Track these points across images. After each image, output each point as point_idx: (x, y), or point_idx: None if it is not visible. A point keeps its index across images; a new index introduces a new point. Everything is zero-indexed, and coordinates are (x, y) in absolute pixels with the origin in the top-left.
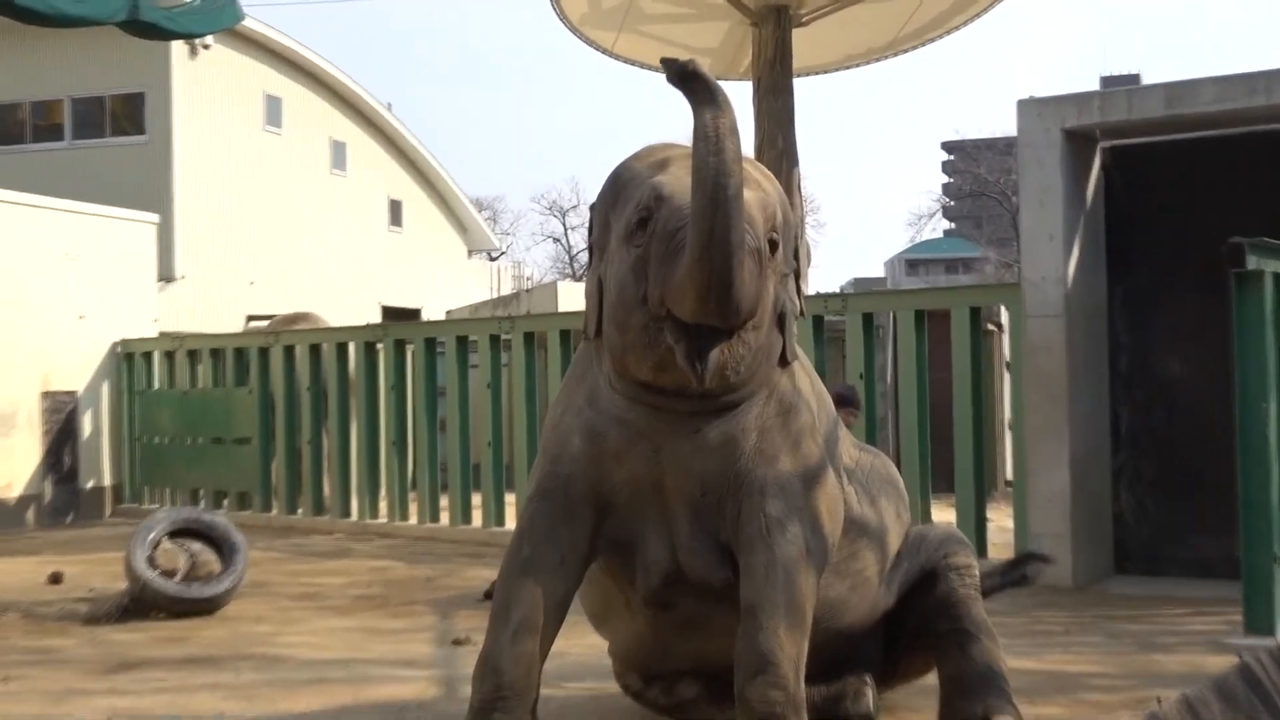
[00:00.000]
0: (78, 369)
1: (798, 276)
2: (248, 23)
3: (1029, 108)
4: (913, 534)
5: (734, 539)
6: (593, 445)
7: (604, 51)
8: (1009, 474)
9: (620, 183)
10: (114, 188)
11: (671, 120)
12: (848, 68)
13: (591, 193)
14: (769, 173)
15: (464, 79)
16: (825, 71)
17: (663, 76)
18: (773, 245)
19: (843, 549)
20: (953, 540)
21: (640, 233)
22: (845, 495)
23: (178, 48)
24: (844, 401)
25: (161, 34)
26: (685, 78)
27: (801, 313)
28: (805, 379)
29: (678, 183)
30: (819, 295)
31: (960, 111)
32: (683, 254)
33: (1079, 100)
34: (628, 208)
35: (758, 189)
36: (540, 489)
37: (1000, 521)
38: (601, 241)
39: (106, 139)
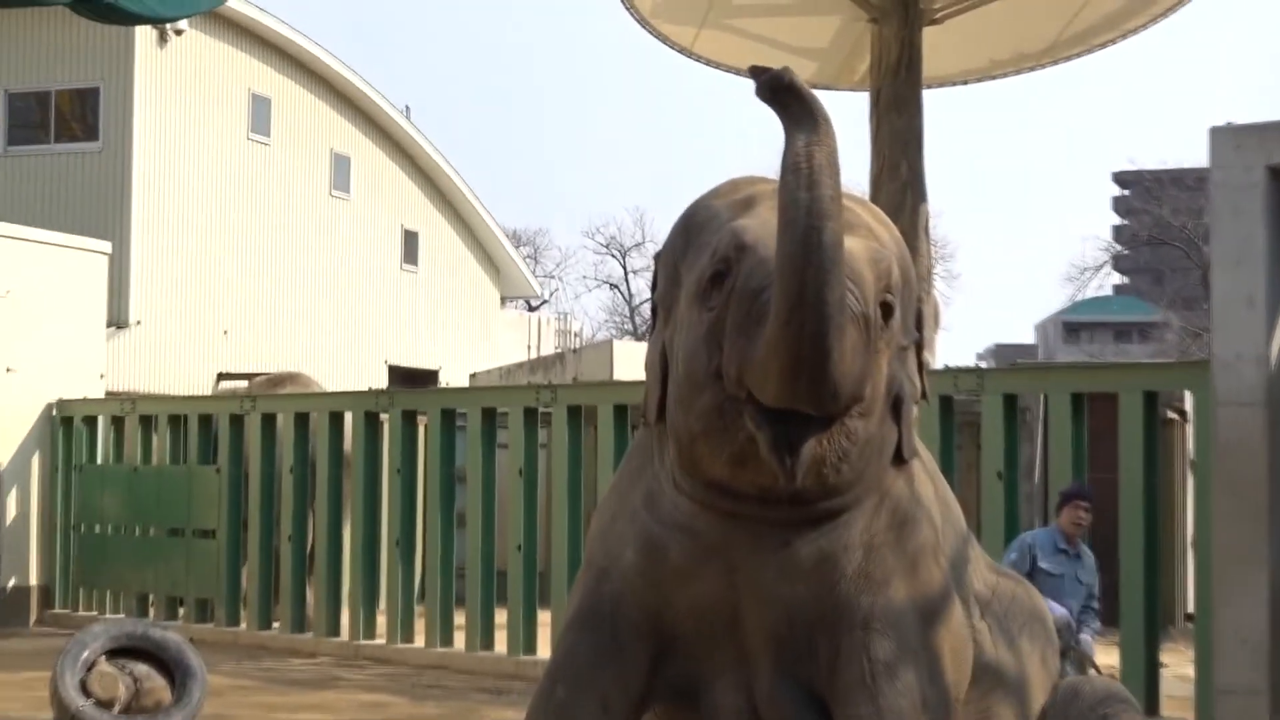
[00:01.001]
0: (1, 436)
1: (920, 349)
2: (231, 4)
3: (1224, 138)
4: (1063, 687)
5: (829, 688)
6: (650, 561)
7: (681, 51)
8: (1190, 606)
9: (693, 225)
10: (57, 207)
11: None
12: (993, 78)
13: (660, 230)
14: (884, 216)
15: (501, 81)
16: (963, 82)
17: (752, 86)
18: (886, 310)
19: (970, 704)
20: (1114, 699)
21: (716, 291)
22: (975, 634)
23: (142, 34)
24: (1078, 494)
25: (122, 17)
26: (776, 91)
27: (924, 396)
28: (927, 482)
29: (765, 228)
30: (948, 370)
31: (1138, 136)
32: (766, 321)
33: None
34: (701, 258)
35: (868, 236)
36: (581, 613)
37: (1178, 668)
38: (668, 300)
39: (50, 145)
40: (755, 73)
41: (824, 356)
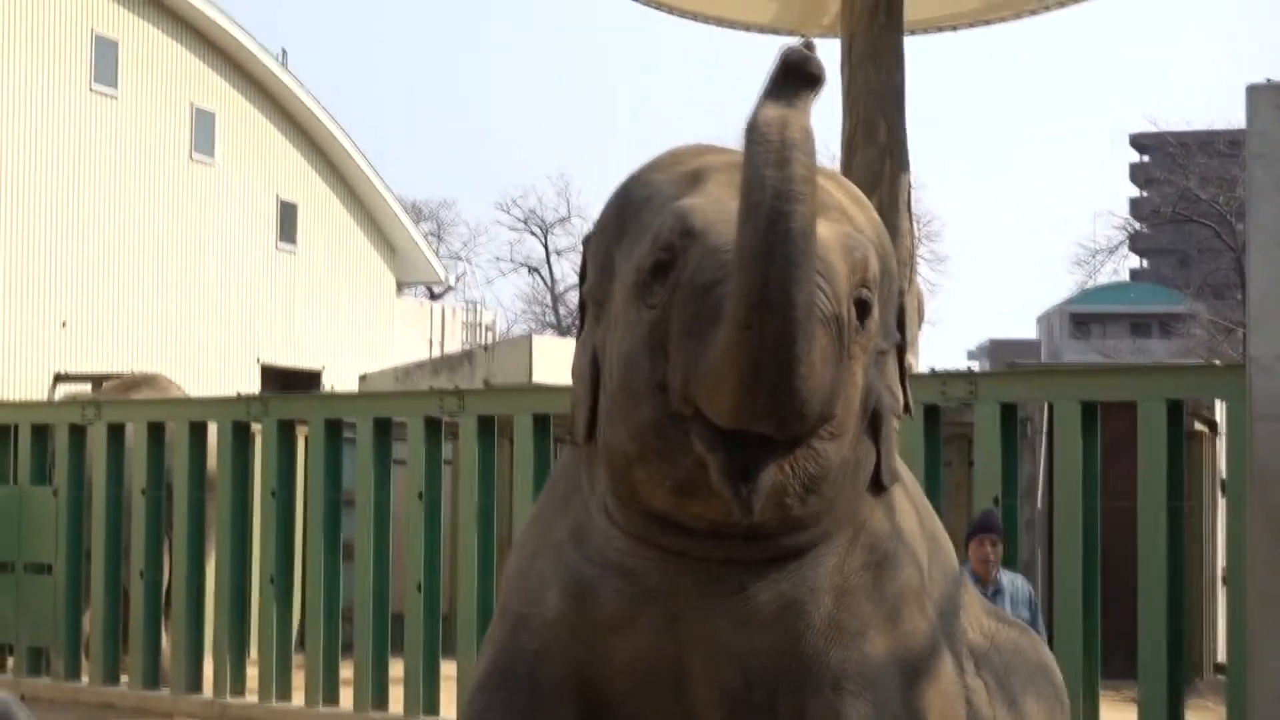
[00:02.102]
0: None
1: (902, 353)
2: None
3: (1264, 97)
4: None
5: None
6: (578, 607)
7: None
8: (1221, 655)
9: (630, 204)
10: None
11: (719, 99)
12: (987, 23)
13: (589, 202)
14: (858, 193)
15: (397, 22)
16: (952, 28)
17: (708, 29)
18: (862, 308)
19: None
20: None
21: (658, 284)
22: (969, 693)
23: None
24: (983, 528)
25: None
26: (791, 73)
27: (907, 409)
28: (910, 513)
29: (717, 210)
30: (934, 373)
31: (1160, 91)
32: (719, 323)
33: None
34: (640, 244)
35: (840, 219)
36: (495, 669)
37: None
38: (599, 293)
39: None
40: (806, 45)
41: (789, 369)
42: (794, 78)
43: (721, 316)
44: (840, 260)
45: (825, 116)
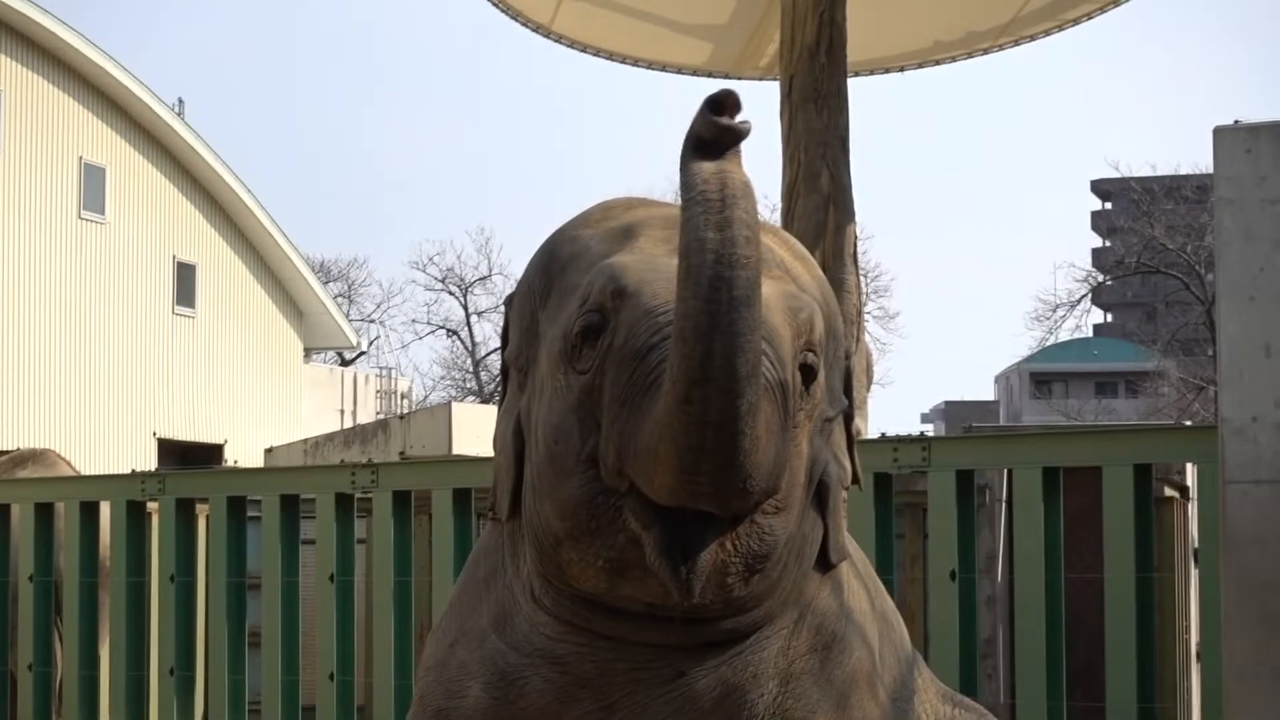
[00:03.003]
0: None
1: (849, 420)
2: None
3: (1232, 140)
4: None
5: None
6: (503, 699)
7: (537, 29)
8: None
9: (555, 262)
10: None
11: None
12: (936, 63)
13: (511, 258)
14: (801, 249)
15: (302, 71)
16: (899, 69)
17: (637, 73)
18: (807, 374)
19: None
20: None
21: (588, 348)
22: None
23: None
24: None
25: None
26: (714, 143)
27: (855, 480)
28: (859, 591)
29: (650, 269)
30: (885, 438)
31: (1122, 134)
32: (655, 392)
33: None
34: (568, 306)
35: (783, 278)
36: None
37: None
38: (523, 359)
39: None
40: (717, 108)
41: (733, 446)
42: (718, 147)
43: (658, 384)
44: (784, 323)
45: (764, 163)
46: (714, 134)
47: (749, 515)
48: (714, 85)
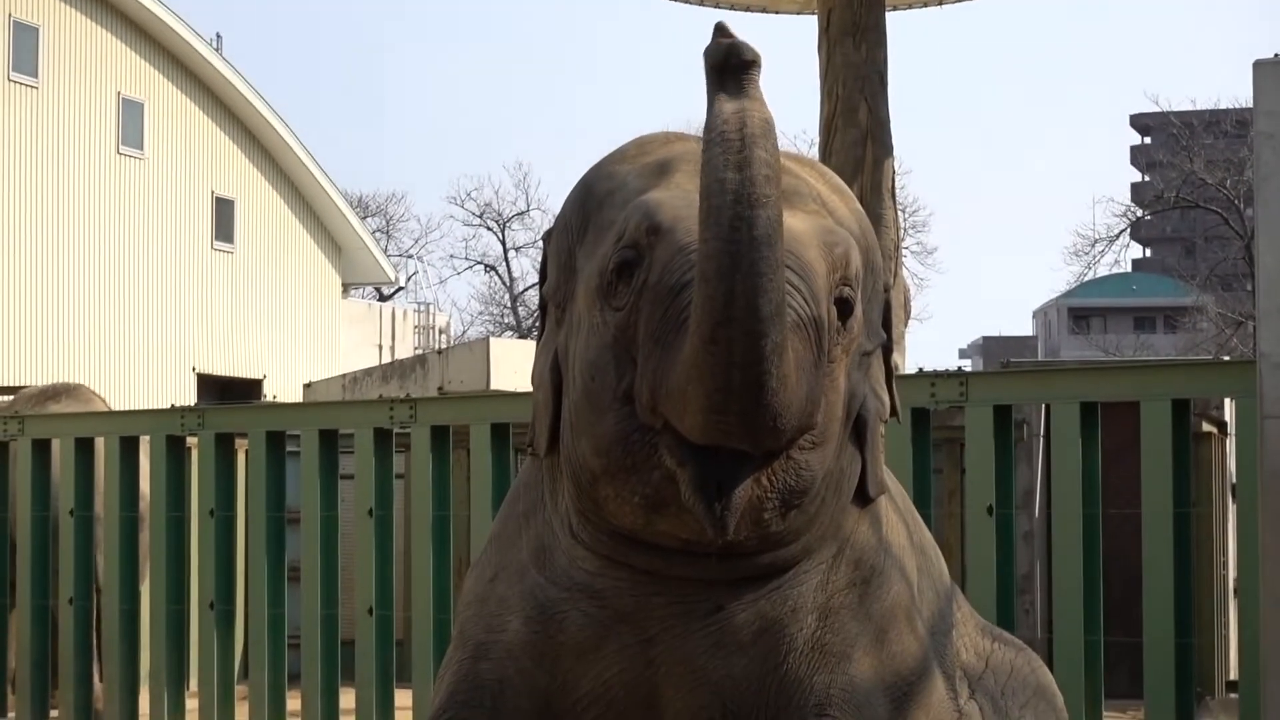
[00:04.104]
0: None
1: (888, 354)
2: None
3: (1273, 73)
4: None
5: None
6: (543, 633)
7: None
8: (1233, 673)
9: (592, 198)
10: None
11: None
12: None
13: (549, 193)
14: (839, 182)
15: (340, 2)
16: (938, 2)
17: (677, 7)
18: (844, 308)
19: None
20: None
21: (624, 285)
22: (963, 718)
23: None
24: None
25: None
26: (725, 67)
27: (894, 413)
28: (898, 525)
29: (685, 204)
30: (923, 374)
31: (1162, 68)
32: (687, 330)
33: None
34: (604, 242)
35: (818, 212)
36: (453, 700)
37: None
38: (561, 295)
39: None
40: (719, 31)
41: (759, 386)
42: (731, 69)
43: (686, 326)
44: (818, 257)
45: (803, 98)
46: (719, 55)
47: (784, 451)
48: (752, 19)
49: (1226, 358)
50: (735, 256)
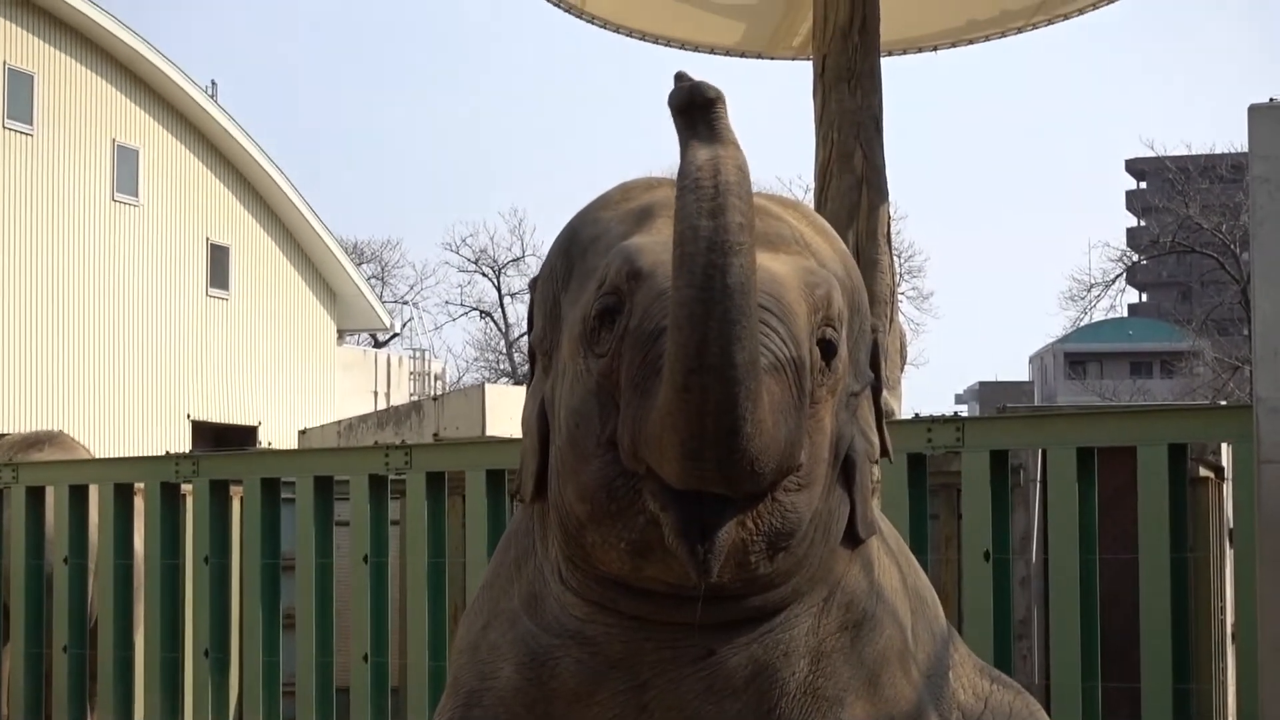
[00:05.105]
0: None
1: (877, 394)
2: None
3: (1268, 117)
4: None
5: None
6: (535, 680)
7: (569, 9)
8: (1231, 716)
9: (576, 245)
10: None
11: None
12: (970, 42)
13: (545, 240)
14: (822, 223)
15: (334, 53)
16: (933, 48)
17: (669, 53)
18: (827, 349)
19: None
20: None
21: (606, 331)
22: None
23: None
24: None
25: None
26: (691, 107)
27: (884, 453)
28: (890, 568)
29: (665, 248)
30: (919, 419)
31: (1157, 113)
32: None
33: None
34: (586, 288)
35: (801, 253)
36: None
37: None
38: (547, 343)
39: None
40: (678, 79)
41: (733, 432)
42: (698, 109)
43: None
44: (799, 299)
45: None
46: (683, 99)
47: (767, 494)
48: (746, 65)
49: (1223, 402)
50: (708, 304)
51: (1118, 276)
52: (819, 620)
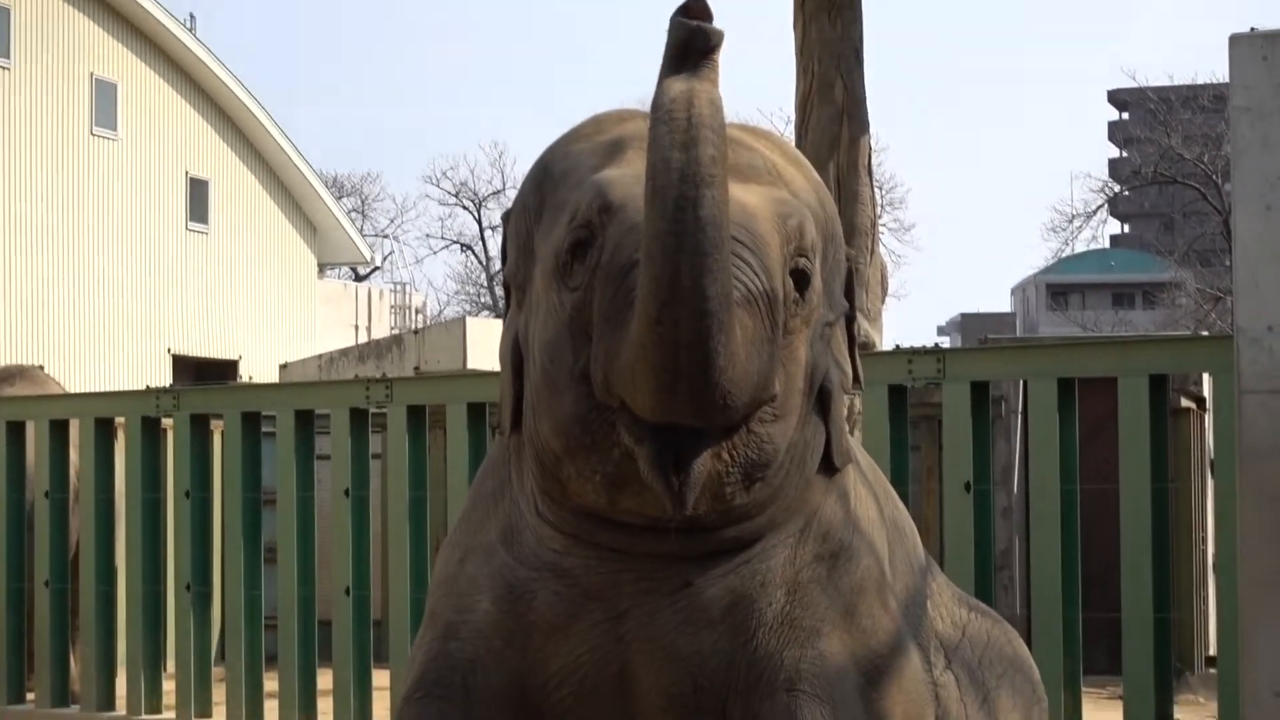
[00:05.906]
0: None
1: (850, 323)
2: None
3: (1248, 48)
4: None
5: None
6: (512, 612)
7: None
8: (1212, 648)
9: (549, 178)
10: None
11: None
12: None
13: (525, 170)
14: (796, 153)
15: None
16: None
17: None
18: (800, 279)
19: None
20: None
21: (578, 265)
22: (938, 689)
23: None
24: None
25: None
26: (689, 49)
27: (857, 381)
28: (867, 499)
29: (636, 181)
30: (899, 350)
31: (1139, 44)
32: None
33: None
34: (559, 222)
35: (773, 183)
36: (424, 680)
37: None
38: (520, 276)
39: None
40: (684, 10)
41: (706, 364)
42: (694, 54)
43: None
44: (771, 230)
45: (779, 75)
46: (685, 34)
47: (741, 425)
48: None
49: (1204, 333)
50: (680, 237)
51: (1099, 207)
52: (795, 551)
